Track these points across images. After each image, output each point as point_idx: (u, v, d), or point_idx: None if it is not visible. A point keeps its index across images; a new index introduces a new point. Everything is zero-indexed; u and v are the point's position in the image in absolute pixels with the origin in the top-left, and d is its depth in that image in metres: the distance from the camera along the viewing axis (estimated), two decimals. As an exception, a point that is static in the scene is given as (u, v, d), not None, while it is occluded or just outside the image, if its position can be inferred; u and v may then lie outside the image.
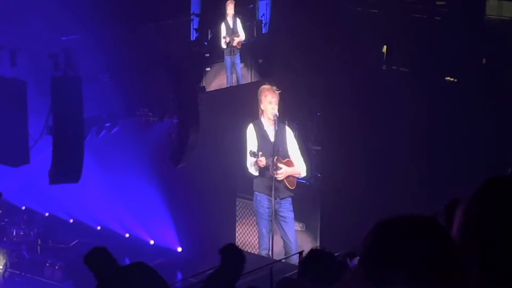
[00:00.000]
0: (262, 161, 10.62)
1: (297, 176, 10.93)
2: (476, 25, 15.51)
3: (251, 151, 10.77)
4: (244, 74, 17.72)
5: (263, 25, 18.80)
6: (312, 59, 15.97)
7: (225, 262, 8.58)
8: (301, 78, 14.94)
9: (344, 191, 13.12)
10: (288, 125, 11.01)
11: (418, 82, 15.05)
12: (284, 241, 11.25)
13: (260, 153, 10.72)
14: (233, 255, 8.55)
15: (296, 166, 10.84)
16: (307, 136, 13.21)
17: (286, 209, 11.00)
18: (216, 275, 8.65)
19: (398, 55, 16.34)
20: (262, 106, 10.72)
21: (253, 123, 10.89)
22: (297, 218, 11.69)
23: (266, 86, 10.77)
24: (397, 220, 2.06)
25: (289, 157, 10.82)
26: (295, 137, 11.08)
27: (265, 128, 10.78)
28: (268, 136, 10.75)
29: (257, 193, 11.06)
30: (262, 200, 10.97)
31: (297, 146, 10.92)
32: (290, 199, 11.04)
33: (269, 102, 10.65)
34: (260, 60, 18.25)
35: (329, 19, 16.14)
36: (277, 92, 10.69)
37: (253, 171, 10.88)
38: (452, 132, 13.91)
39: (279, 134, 10.78)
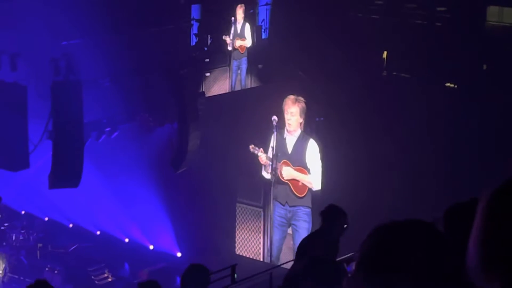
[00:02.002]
0: (261, 156, 10.66)
1: (308, 185, 10.82)
2: (477, 31, 15.51)
3: (253, 146, 10.79)
4: (245, 79, 17.72)
5: (263, 30, 18.80)
6: (312, 65, 15.97)
7: (326, 223, 8.71)
8: (301, 84, 14.92)
9: (343, 196, 13.10)
10: (314, 139, 10.93)
11: (419, 88, 15.05)
12: (293, 249, 11.22)
13: (261, 149, 10.75)
14: (334, 216, 8.72)
15: (309, 176, 10.75)
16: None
17: (299, 218, 10.90)
18: (318, 235, 8.71)
19: (399, 61, 16.34)
20: (284, 116, 10.73)
21: (277, 132, 10.85)
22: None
23: (290, 97, 10.76)
24: (394, 225, 2.05)
25: (305, 167, 10.75)
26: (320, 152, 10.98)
27: (285, 137, 10.76)
28: (286, 145, 10.73)
29: (273, 200, 11.06)
30: (275, 207, 10.95)
31: (318, 161, 10.83)
32: (307, 210, 10.89)
33: (287, 113, 10.65)
34: (260, 66, 18.25)
35: (329, 25, 16.15)
36: (300, 103, 10.64)
37: (264, 173, 10.91)
38: (452, 138, 13.90)
39: (299, 144, 10.75)
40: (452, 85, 15.64)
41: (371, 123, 14.60)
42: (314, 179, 10.76)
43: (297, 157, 10.72)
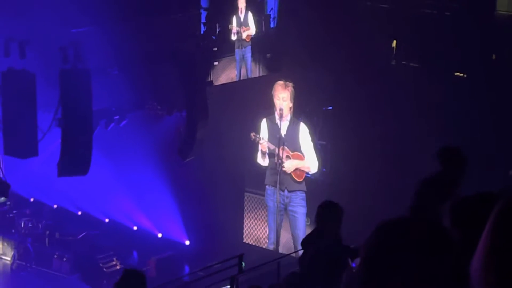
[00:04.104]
0: (264, 144, 10.70)
1: (306, 170, 10.96)
2: (486, 20, 15.44)
3: (254, 133, 10.81)
4: (252, 68, 17.72)
5: (271, 19, 18.79)
6: (320, 54, 15.94)
7: (445, 165, 8.28)
8: (309, 73, 14.91)
9: (349, 186, 13.11)
10: (303, 122, 11.04)
11: (427, 77, 15.01)
12: (292, 235, 11.26)
13: (263, 136, 10.79)
14: (454, 157, 8.31)
15: (306, 160, 10.86)
16: (312, 130, 13.22)
17: (297, 204, 11.00)
18: (433, 178, 8.32)
19: (408, 50, 16.29)
20: (275, 101, 10.79)
21: (266, 118, 10.96)
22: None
23: (279, 82, 10.84)
24: (399, 223, 2.04)
25: (299, 152, 10.85)
26: (310, 134, 11.09)
27: (277, 122, 10.82)
28: (279, 131, 10.79)
29: (267, 186, 11.13)
30: (271, 194, 11.02)
31: (311, 143, 10.95)
32: (303, 194, 11.02)
33: (278, 98, 10.72)
34: (268, 55, 18.24)
35: (338, 13, 16.11)
36: (289, 87, 10.73)
37: (261, 160, 10.94)
38: (460, 128, 13.87)
39: (291, 129, 10.84)
40: (461, 75, 15.59)
41: (379, 112, 14.59)
42: (311, 163, 10.90)
43: (292, 141, 10.83)
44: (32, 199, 15.73)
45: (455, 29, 15.37)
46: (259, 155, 10.96)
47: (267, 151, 10.81)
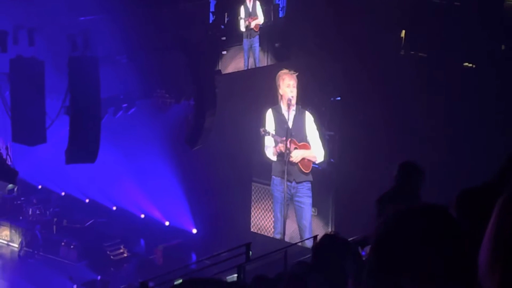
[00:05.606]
0: (282, 147, 10.65)
1: (313, 160, 10.93)
2: (495, 10, 15.39)
3: (264, 129, 10.76)
4: (260, 58, 17.70)
5: (280, 9, 18.75)
6: (329, 44, 15.91)
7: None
8: (317, 63, 14.89)
9: (358, 176, 13.09)
10: (308, 111, 11.01)
11: (436, 67, 14.98)
12: (298, 226, 11.26)
13: (273, 133, 10.76)
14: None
15: (312, 150, 10.84)
16: (320, 121, 13.20)
17: (303, 194, 10.98)
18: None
19: (416, 40, 16.25)
20: (280, 91, 10.75)
21: (271, 108, 10.90)
22: (310, 203, 11.68)
23: (283, 71, 10.80)
24: (410, 213, 2.03)
25: (306, 142, 10.83)
26: (315, 123, 11.07)
27: (283, 112, 10.79)
28: (286, 120, 10.76)
29: (274, 176, 11.09)
30: (277, 184, 10.99)
31: (316, 132, 10.93)
32: (309, 184, 11.00)
33: (287, 86, 10.67)
34: (276, 44, 18.22)
35: (347, 3, 16.07)
36: (295, 75, 10.71)
37: (270, 155, 10.89)
38: (469, 118, 13.85)
39: (297, 118, 10.80)
40: (470, 65, 15.55)
41: (387, 102, 14.56)
42: (317, 152, 10.87)
43: (298, 131, 10.77)
44: (40, 187, 15.78)
45: (464, 19, 15.32)
46: (270, 151, 10.90)
47: (278, 152, 10.76)
